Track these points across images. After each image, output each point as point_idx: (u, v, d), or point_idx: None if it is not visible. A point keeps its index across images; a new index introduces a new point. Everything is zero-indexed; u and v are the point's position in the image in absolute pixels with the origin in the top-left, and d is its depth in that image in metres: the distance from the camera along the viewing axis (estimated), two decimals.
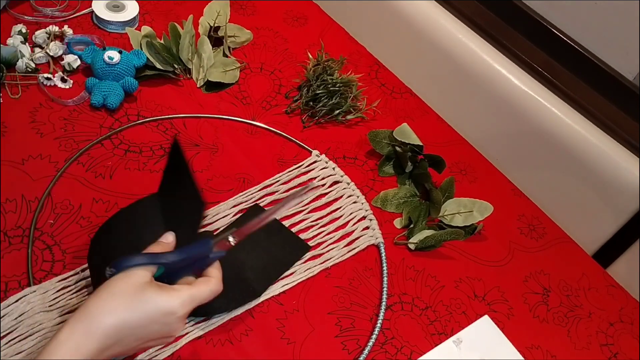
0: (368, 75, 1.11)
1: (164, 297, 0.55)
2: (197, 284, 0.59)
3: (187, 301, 0.57)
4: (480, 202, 0.90)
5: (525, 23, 1.01)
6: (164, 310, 0.55)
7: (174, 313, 0.56)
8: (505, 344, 0.79)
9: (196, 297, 0.58)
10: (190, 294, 0.57)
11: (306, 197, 0.86)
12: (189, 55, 1.00)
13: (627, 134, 0.91)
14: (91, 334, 0.52)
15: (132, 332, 0.54)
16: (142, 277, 0.56)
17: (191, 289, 0.58)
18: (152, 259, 0.57)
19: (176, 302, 0.56)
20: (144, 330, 0.55)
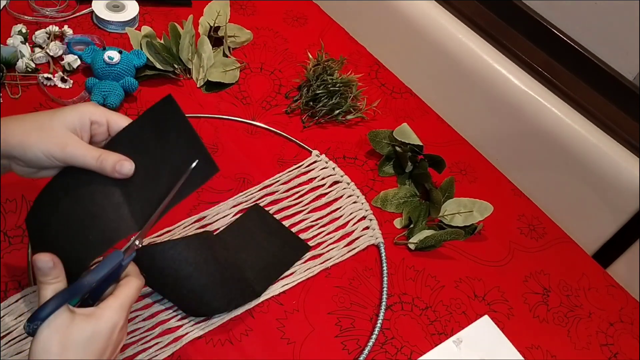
0: (368, 75, 1.11)
1: (100, 322, 0.54)
2: (119, 289, 0.57)
3: (120, 309, 0.55)
4: (480, 202, 0.90)
5: (525, 23, 1.01)
6: (107, 331, 0.54)
7: (116, 325, 0.55)
8: (505, 344, 0.79)
9: (125, 301, 0.56)
10: (118, 302, 0.56)
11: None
12: (189, 55, 1.00)
13: (627, 134, 0.91)
14: None
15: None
16: (66, 322, 0.53)
17: (117, 297, 0.56)
18: (66, 298, 0.53)
19: (112, 316, 0.54)
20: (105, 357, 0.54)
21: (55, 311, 0.52)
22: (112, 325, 0.54)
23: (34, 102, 0.89)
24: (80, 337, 0.52)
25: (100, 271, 0.56)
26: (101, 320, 0.54)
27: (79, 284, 0.55)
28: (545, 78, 0.97)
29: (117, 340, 0.56)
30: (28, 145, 0.57)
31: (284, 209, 0.86)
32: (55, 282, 0.54)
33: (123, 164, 0.58)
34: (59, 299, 0.53)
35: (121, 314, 0.55)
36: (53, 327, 0.52)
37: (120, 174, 0.58)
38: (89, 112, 0.60)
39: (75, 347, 0.52)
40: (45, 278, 0.54)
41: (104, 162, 0.58)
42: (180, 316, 0.72)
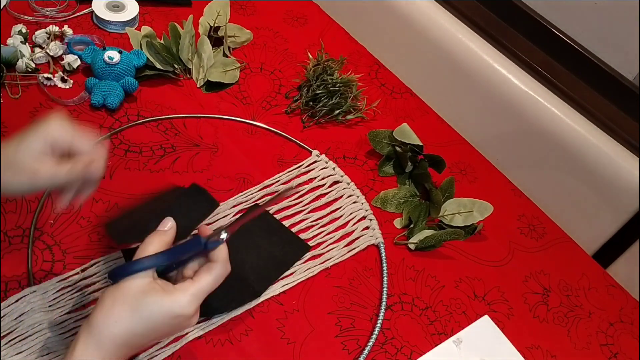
0: (368, 75, 1.11)
1: (166, 301, 0.55)
2: (199, 275, 0.58)
3: (192, 299, 0.56)
4: (480, 202, 0.90)
5: (525, 23, 1.01)
6: (170, 313, 0.55)
7: (181, 315, 0.55)
8: (505, 344, 0.79)
9: (201, 291, 0.57)
10: (193, 291, 0.57)
11: (293, 193, 0.87)
12: (189, 55, 1.00)
13: (627, 134, 0.91)
14: (102, 347, 0.53)
15: (142, 337, 0.55)
16: (143, 280, 0.55)
17: (194, 284, 0.57)
18: (157, 261, 0.56)
19: (180, 304, 0.55)
20: (154, 333, 0.56)
21: (147, 269, 0.56)
22: (177, 311, 0.55)
23: (34, 102, 0.89)
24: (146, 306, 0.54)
25: (179, 250, 0.59)
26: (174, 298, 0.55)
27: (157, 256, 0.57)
28: (545, 78, 0.97)
29: (176, 327, 0.57)
30: (7, 184, 0.59)
31: (284, 209, 0.86)
32: (163, 235, 0.59)
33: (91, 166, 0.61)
34: (154, 259, 0.56)
35: (190, 302, 0.56)
36: (135, 283, 0.55)
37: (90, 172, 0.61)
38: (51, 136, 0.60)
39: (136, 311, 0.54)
40: (162, 227, 0.59)
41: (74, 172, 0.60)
42: None
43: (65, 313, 0.69)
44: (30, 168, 0.59)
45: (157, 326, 0.55)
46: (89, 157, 0.61)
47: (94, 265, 0.74)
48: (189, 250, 0.59)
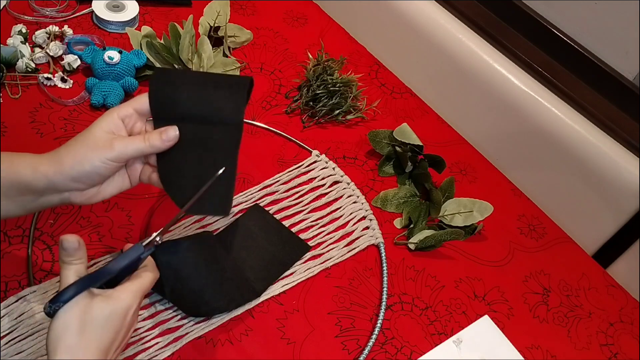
0: (368, 75, 1.11)
1: (117, 303, 0.56)
2: (136, 276, 0.59)
3: (135, 293, 0.57)
4: (480, 202, 0.90)
5: (525, 23, 1.01)
6: (122, 313, 0.56)
7: (130, 307, 0.56)
8: (505, 344, 0.79)
9: (140, 287, 0.58)
10: (135, 286, 0.58)
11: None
12: (189, 55, 1.00)
13: (627, 134, 0.91)
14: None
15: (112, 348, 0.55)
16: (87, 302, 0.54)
17: (133, 282, 0.58)
18: (88, 283, 0.55)
19: (127, 298, 0.56)
20: (118, 339, 0.56)
21: (76, 295, 0.54)
22: (127, 306, 0.56)
23: (34, 102, 0.89)
24: (98, 317, 0.54)
25: (121, 261, 0.58)
26: (118, 301, 0.56)
27: (100, 272, 0.57)
28: (545, 78, 0.97)
29: (130, 323, 0.57)
30: (83, 159, 0.59)
31: (284, 209, 0.86)
32: (78, 263, 0.56)
33: (167, 132, 0.62)
34: (81, 283, 0.54)
35: (136, 297, 0.57)
36: (75, 306, 0.53)
37: (169, 140, 0.62)
38: (116, 111, 0.62)
39: (93, 326, 0.54)
40: (69, 259, 0.56)
41: (151, 139, 0.61)
42: (180, 316, 0.72)
43: None
44: (106, 140, 0.60)
45: (116, 330, 0.55)
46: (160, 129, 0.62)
47: (94, 265, 0.74)
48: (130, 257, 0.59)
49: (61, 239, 0.56)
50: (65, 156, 0.59)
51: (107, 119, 0.62)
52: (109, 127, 0.61)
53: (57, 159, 0.59)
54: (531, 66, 0.98)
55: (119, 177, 0.65)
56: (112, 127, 0.62)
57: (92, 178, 0.61)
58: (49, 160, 0.59)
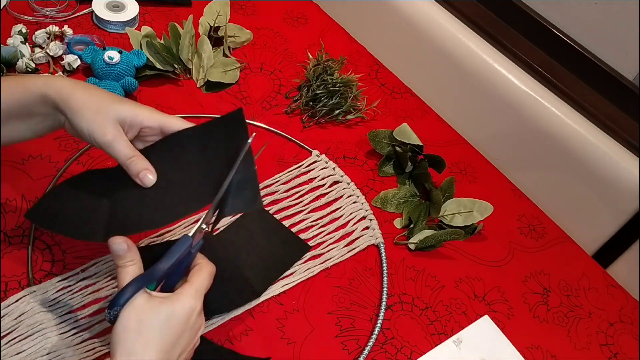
0: (368, 75, 1.11)
1: (177, 305, 0.55)
2: (193, 276, 0.59)
3: (196, 294, 0.57)
4: (480, 202, 0.90)
5: (525, 23, 1.01)
6: (184, 315, 0.55)
7: (193, 310, 0.56)
8: (505, 344, 0.79)
9: (200, 287, 0.58)
10: (194, 288, 0.57)
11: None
12: (189, 55, 1.00)
13: (627, 134, 0.91)
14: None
15: (174, 351, 0.55)
16: (144, 302, 0.55)
17: (192, 283, 0.58)
18: (143, 282, 0.56)
19: (188, 301, 0.56)
20: (182, 342, 0.56)
21: (132, 296, 0.54)
22: (188, 309, 0.56)
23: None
24: (157, 318, 0.54)
25: (172, 256, 0.58)
26: (178, 303, 0.55)
27: (153, 269, 0.57)
28: (545, 78, 0.97)
29: (195, 326, 0.57)
30: (81, 115, 0.61)
31: (284, 209, 0.86)
32: (131, 264, 0.56)
33: (146, 175, 0.62)
34: (135, 284, 0.55)
35: (197, 299, 0.57)
36: (131, 307, 0.54)
37: (142, 182, 0.62)
38: (144, 115, 0.63)
39: (152, 327, 0.54)
40: (121, 261, 0.56)
41: (132, 164, 0.62)
42: None
43: (65, 313, 0.69)
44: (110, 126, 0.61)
45: (180, 334, 0.55)
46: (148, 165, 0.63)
47: (94, 265, 0.74)
48: (180, 249, 0.59)
49: (109, 242, 0.56)
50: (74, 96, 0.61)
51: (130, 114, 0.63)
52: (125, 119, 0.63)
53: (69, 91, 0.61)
54: (531, 66, 0.98)
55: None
56: (128, 122, 0.63)
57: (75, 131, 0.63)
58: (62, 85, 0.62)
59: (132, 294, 0.54)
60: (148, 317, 0.54)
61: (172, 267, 0.58)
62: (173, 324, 0.55)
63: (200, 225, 0.61)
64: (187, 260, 0.60)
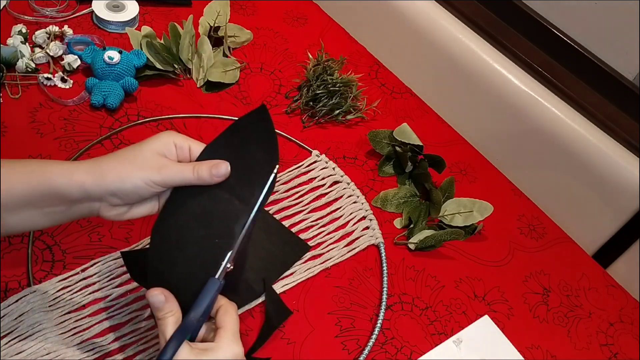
0: (368, 75, 1.11)
1: (220, 353, 0.55)
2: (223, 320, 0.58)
3: (234, 338, 0.57)
4: (480, 202, 0.90)
5: (525, 23, 1.01)
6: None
7: (237, 355, 0.56)
8: (505, 344, 0.79)
9: (235, 330, 0.57)
10: (231, 332, 0.57)
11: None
12: (189, 55, 1.00)
13: (627, 134, 0.91)
14: None
15: None
16: (188, 354, 0.54)
17: (227, 329, 0.57)
18: (183, 334, 0.55)
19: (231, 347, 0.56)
20: None
21: (177, 350, 0.54)
22: (232, 354, 0.56)
23: (34, 102, 0.89)
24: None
25: (203, 301, 0.57)
26: (220, 350, 0.55)
27: (188, 320, 0.56)
28: (545, 78, 0.97)
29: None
30: (126, 177, 0.56)
31: (284, 209, 0.86)
32: (170, 315, 0.56)
33: (219, 166, 0.58)
34: (177, 338, 0.54)
35: (237, 343, 0.57)
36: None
37: (218, 175, 0.58)
38: (173, 137, 0.60)
39: None
40: (160, 313, 0.56)
41: (200, 171, 0.58)
42: None
43: (65, 313, 0.69)
44: (156, 162, 0.57)
45: None
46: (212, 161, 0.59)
47: (94, 265, 0.74)
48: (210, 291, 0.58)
49: (147, 296, 0.56)
50: (107, 169, 0.57)
51: (162, 141, 0.59)
52: (161, 149, 0.59)
53: (98, 170, 0.56)
54: (531, 66, 0.98)
55: (152, 201, 0.61)
56: (165, 150, 0.59)
57: (130, 197, 0.58)
58: (86, 170, 0.56)
59: (176, 348, 0.54)
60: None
61: (206, 312, 0.57)
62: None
63: (226, 265, 0.59)
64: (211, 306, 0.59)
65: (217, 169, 0.58)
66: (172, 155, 0.59)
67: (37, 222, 0.58)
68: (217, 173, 0.58)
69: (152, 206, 0.61)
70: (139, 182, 0.56)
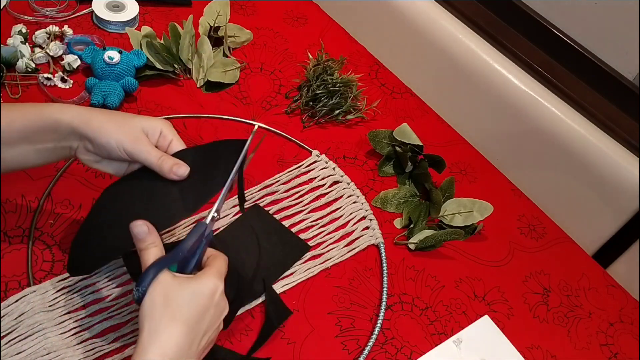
0: (368, 75, 1.11)
1: (202, 282, 0.58)
2: (211, 261, 0.62)
3: (218, 274, 0.60)
4: (480, 202, 0.90)
5: (525, 23, 1.01)
6: (209, 292, 0.58)
7: (217, 288, 0.59)
8: (505, 344, 0.79)
9: (221, 269, 0.61)
10: (215, 269, 0.60)
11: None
12: (189, 55, 1.00)
13: (627, 134, 0.91)
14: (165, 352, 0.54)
15: (200, 327, 0.57)
16: (169, 279, 0.57)
17: (212, 266, 0.61)
18: (165, 263, 0.58)
19: (212, 280, 0.59)
20: (207, 319, 0.57)
21: (156, 275, 0.56)
22: (213, 286, 0.58)
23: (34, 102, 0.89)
24: (182, 294, 0.56)
25: (189, 239, 0.61)
26: (202, 280, 0.58)
27: (174, 252, 0.59)
28: (545, 78, 0.97)
29: (219, 305, 0.59)
30: (106, 131, 0.64)
31: (284, 209, 0.86)
32: (153, 246, 0.59)
33: (180, 167, 0.64)
34: (159, 265, 0.57)
35: (219, 279, 0.59)
36: (157, 284, 0.56)
37: (177, 175, 0.64)
38: (162, 125, 0.67)
39: (178, 302, 0.56)
40: (143, 244, 0.59)
41: (163, 162, 0.64)
42: None
43: (65, 313, 0.69)
44: (136, 134, 0.64)
45: (204, 311, 0.57)
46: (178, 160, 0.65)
47: None
48: (196, 233, 0.62)
49: (131, 227, 0.59)
50: (94, 118, 0.64)
51: (151, 124, 0.66)
52: (147, 129, 0.66)
53: (87, 115, 0.64)
54: (531, 66, 0.98)
55: (120, 165, 0.68)
56: (150, 131, 0.66)
57: (101, 150, 0.65)
58: (78, 111, 0.64)
59: (156, 273, 0.56)
60: (174, 292, 0.56)
61: (189, 251, 0.60)
62: (199, 298, 0.57)
63: (213, 213, 0.64)
64: (199, 250, 0.62)
65: (178, 168, 0.64)
66: (153, 138, 0.66)
67: (29, 159, 0.65)
68: (176, 171, 0.64)
69: (118, 168, 0.69)
70: (112, 142, 0.64)
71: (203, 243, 0.63)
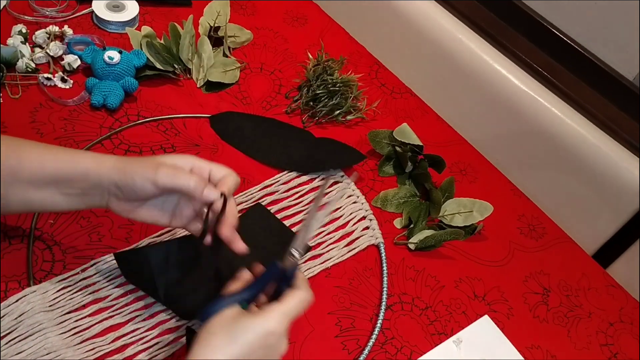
0: (368, 75, 1.11)
1: (258, 321, 0.56)
2: (284, 298, 0.59)
3: (281, 317, 0.57)
4: (480, 202, 0.90)
5: (525, 23, 1.01)
6: (263, 332, 0.56)
7: (273, 333, 0.56)
8: (505, 344, 0.79)
9: (288, 311, 0.58)
10: (281, 310, 0.58)
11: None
12: (189, 55, 1.00)
13: (627, 134, 0.91)
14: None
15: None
16: (231, 310, 0.57)
17: (281, 305, 0.58)
18: (233, 299, 0.59)
19: (271, 321, 0.56)
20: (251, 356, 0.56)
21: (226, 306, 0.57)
22: (268, 327, 0.56)
23: (34, 102, 0.89)
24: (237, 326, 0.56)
25: (260, 281, 0.61)
26: (257, 319, 0.57)
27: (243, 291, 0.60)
28: (545, 78, 0.97)
29: (272, 347, 0.57)
30: (130, 171, 0.61)
31: (284, 209, 0.86)
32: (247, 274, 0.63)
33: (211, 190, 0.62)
34: (226, 299, 0.58)
35: (280, 322, 0.57)
36: (221, 315, 0.57)
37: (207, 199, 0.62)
38: (193, 160, 0.65)
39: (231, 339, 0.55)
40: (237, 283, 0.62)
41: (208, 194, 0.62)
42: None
43: (65, 313, 0.69)
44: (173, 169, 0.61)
45: (253, 348, 0.55)
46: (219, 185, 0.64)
47: (94, 265, 0.74)
48: (268, 277, 0.61)
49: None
50: (133, 162, 0.62)
51: (181, 160, 0.64)
52: (174, 161, 0.63)
53: (129, 161, 0.62)
54: (531, 66, 0.98)
55: (158, 209, 0.65)
56: (178, 161, 0.63)
57: (137, 192, 0.62)
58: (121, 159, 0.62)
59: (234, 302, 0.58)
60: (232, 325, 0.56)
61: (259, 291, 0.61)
62: (250, 338, 0.55)
63: (291, 252, 0.62)
64: (283, 283, 0.61)
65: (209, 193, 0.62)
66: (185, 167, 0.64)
67: (56, 203, 0.62)
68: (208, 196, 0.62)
69: (153, 214, 0.65)
70: (137, 177, 0.60)
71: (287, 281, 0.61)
